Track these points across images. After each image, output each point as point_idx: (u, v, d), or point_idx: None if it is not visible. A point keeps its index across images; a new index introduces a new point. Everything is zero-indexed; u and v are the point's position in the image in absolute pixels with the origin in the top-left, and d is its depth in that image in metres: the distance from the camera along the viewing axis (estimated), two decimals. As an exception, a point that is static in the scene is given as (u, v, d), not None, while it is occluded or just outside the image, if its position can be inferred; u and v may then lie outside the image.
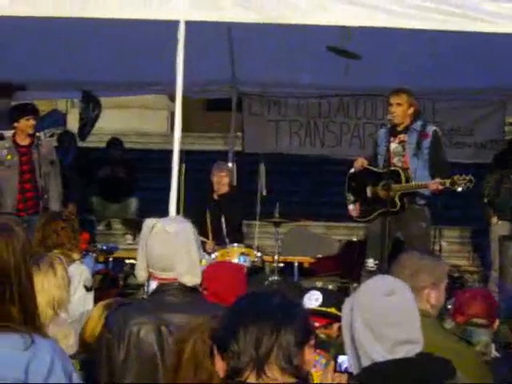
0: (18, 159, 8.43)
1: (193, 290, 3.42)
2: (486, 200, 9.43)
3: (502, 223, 9.32)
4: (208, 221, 9.06)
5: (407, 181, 7.62)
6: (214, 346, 2.36)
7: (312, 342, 2.35)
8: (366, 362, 2.55)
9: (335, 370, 3.60)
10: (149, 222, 3.43)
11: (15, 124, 8.45)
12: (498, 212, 9.34)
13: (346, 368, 4.88)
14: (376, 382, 2.49)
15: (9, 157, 8.41)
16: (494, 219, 9.40)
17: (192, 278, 3.39)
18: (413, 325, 2.57)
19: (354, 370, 2.61)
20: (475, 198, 9.63)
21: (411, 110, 7.72)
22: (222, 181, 9.37)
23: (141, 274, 3.46)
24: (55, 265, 4.37)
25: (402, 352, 2.52)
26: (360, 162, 7.96)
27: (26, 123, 8.39)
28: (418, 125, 7.76)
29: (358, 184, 7.97)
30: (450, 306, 4.79)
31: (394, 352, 2.52)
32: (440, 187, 7.45)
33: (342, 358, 5.09)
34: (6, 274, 2.35)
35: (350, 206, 8.05)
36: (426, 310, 3.59)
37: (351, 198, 8.04)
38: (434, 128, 7.92)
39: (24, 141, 8.45)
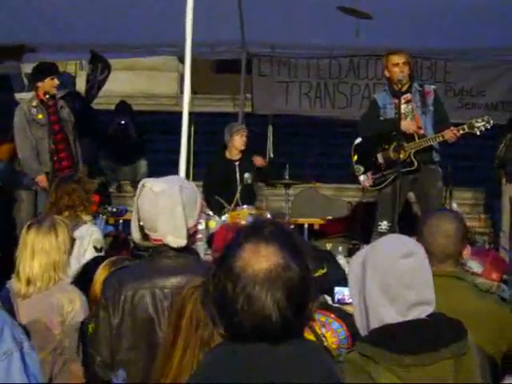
0: (48, 118, 8.19)
1: (189, 251, 3.35)
2: (497, 161, 9.39)
3: (513, 185, 9.28)
4: (225, 183, 9.00)
5: (420, 137, 7.55)
6: None
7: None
8: (374, 324, 2.54)
9: (333, 302, 3.64)
10: (141, 182, 3.39)
11: (39, 84, 8.23)
12: (509, 173, 9.30)
13: (339, 299, 5.03)
14: (386, 343, 2.48)
15: (40, 116, 8.19)
16: (505, 181, 9.35)
17: (176, 240, 3.30)
18: (428, 285, 2.56)
19: (362, 331, 2.60)
20: (486, 159, 9.59)
21: (410, 71, 7.67)
22: (244, 143, 9.21)
23: (134, 235, 3.41)
24: (57, 227, 4.35)
25: (415, 313, 2.52)
26: (414, 126, 7.59)
27: (51, 82, 8.20)
28: (416, 85, 7.74)
29: (367, 153, 7.85)
30: (476, 269, 4.74)
31: (407, 314, 2.51)
32: (458, 134, 7.40)
33: (336, 289, 5.24)
34: None
35: (361, 177, 7.91)
36: (461, 272, 3.53)
37: (361, 168, 7.92)
38: (433, 86, 7.98)
39: (49, 101, 8.20)
